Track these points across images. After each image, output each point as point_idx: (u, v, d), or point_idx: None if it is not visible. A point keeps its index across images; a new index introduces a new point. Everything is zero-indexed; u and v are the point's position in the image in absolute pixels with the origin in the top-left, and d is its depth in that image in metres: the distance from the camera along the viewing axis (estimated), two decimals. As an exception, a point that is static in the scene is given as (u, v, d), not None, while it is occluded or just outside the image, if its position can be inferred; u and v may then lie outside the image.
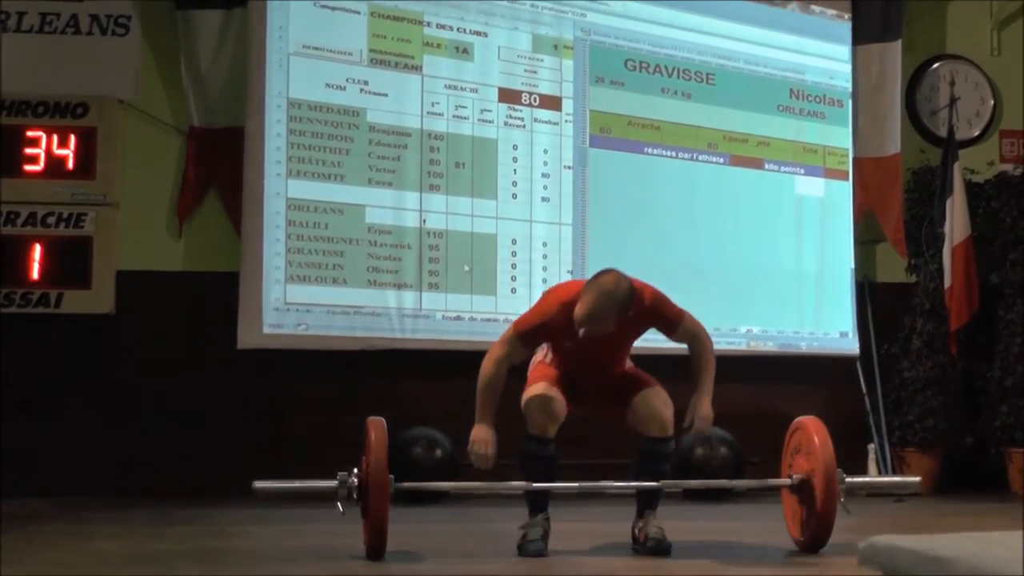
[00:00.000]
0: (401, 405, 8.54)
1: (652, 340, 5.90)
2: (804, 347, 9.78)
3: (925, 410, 9.55)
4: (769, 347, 9.68)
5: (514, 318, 8.74)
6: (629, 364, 5.96)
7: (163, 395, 8.56)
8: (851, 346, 9.86)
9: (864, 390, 9.69)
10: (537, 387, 5.66)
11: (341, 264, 8.67)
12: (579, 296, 5.48)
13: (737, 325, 9.58)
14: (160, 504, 7.65)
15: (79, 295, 8.56)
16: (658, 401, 5.71)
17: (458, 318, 8.91)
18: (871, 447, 9.48)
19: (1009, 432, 9.49)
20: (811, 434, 5.71)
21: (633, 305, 5.49)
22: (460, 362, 8.70)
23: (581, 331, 5.42)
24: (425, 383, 8.81)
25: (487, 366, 5.63)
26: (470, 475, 6.17)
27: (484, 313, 8.96)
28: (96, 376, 8.50)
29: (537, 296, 8.88)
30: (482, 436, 5.56)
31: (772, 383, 9.45)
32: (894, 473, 9.46)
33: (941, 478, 9.43)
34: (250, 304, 8.44)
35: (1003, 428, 9.53)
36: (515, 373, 5.76)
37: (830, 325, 9.87)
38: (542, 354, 5.89)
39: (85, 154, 8.66)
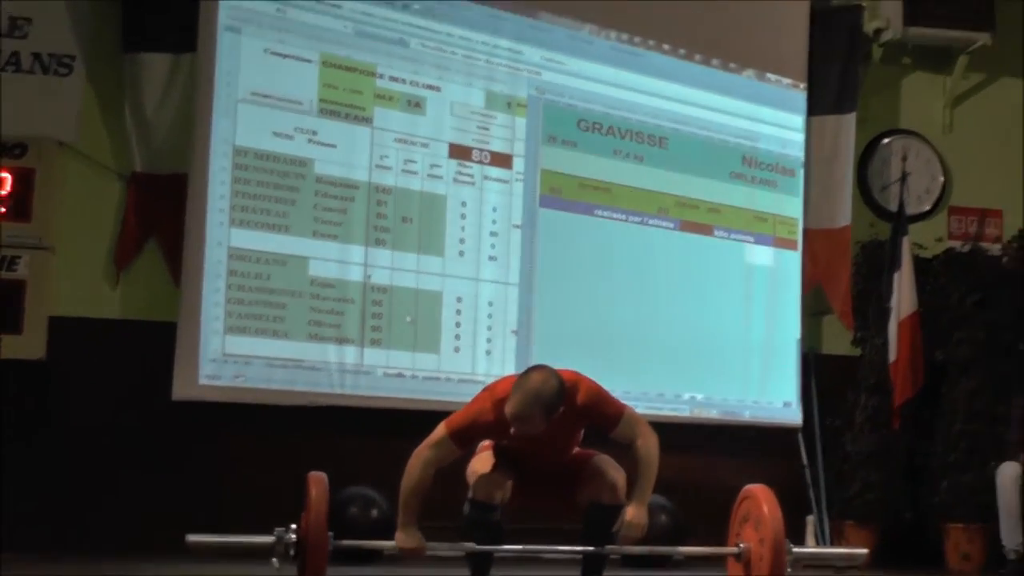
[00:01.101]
0: (338, 462, 8.26)
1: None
2: (747, 416, 9.70)
3: (866, 484, 9.50)
4: (712, 415, 9.59)
5: (456, 378, 8.85)
6: (576, 450, 5.76)
7: (95, 445, 8.32)
8: (794, 417, 9.80)
9: (804, 461, 9.61)
10: (485, 455, 5.49)
11: (282, 316, 8.49)
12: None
13: (681, 391, 9.50)
14: (90, 560, 7.42)
15: (10, 340, 8.27)
16: (609, 467, 5.57)
17: (399, 375, 8.76)
18: (809, 518, 9.39)
19: (948, 508, 9.46)
20: (760, 503, 5.63)
21: (565, 403, 5.31)
22: (399, 421, 8.64)
23: (512, 429, 5.24)
24: (363, 441, 8.63)
25: (414, 470, 5.39)
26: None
27: (426, 371, 8.82)
28: (25, 424, 8.26)
29: (481, 355, 8.91)
30: (412, 545, 5.39)
31: (713, 451, 9.37)
32: (832, 546, 9.39)
33: (879, 552, 9.34)
34: (187, 354, 8.25)
35: (942, 504, 9.49)
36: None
37: (774, 395, 9.80)
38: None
39: (22, 195, 8.42)
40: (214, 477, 8.49)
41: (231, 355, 8.34)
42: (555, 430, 5.33)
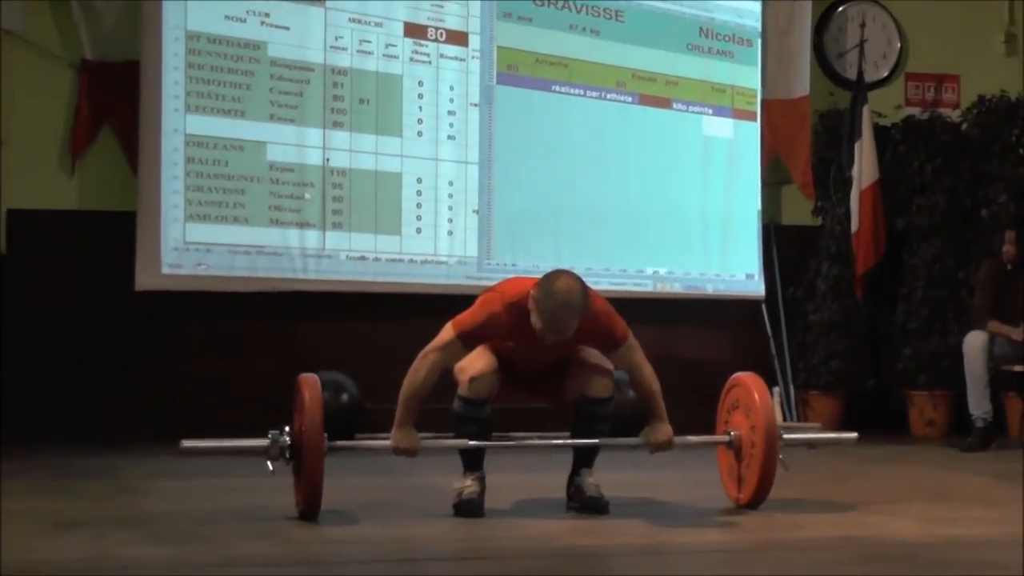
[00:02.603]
0: (304, 347, 8.41)
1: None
2: (710, 289, 9.71)
3: (830, 353, 9.59)
4: (675, 289, 9.59)
5: (419, 259, 8.81)
6: None
7: (57, 338, 8.27)
8: (757, 288, 9.81)
9: (769, 333, 9.64)
10: (476, 353, 5.42)
11: (242, 202, 8.45)
12: (526, 295, 5.23)
13: (643, 266, 9.47)
14: (60, 453, 7.40)
15: (-33, 235, 8.20)
16: (598, 361, 5.52)
17: (363, 258, 8.73)
18: (776, 390, 9.42)
19: (911, 375, 9.57)
20: (751, 391, 5.61)
21: (584, 309, 5.27)
22: (364, 304, 8.65)
23: (549, 342, 5.22)
24: (329, 325, 8.70)
25: (420, 372, 5.23)
26: (379, 423, 6.00)
27: (389, 253, 8.80)
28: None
29: (443, 235, 8.86)
30: (407, 444, 5.27)
31: (678, 325, 9.40)
32: (798, 416, 9.48)
33: (844, 420, 9.44)
34: (148, 244, 8.21)
35: (905, 371, 9.60)
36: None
37: (736, 267, 9.79)
38: None
39: (-31, 87, 8.28)
40: (179, 366, 8.48)
41: (192, 243, 8.31)
42: (561, 344, 5.30)
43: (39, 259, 8.36)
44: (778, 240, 9.90)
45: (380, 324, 8.75)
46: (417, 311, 8.45)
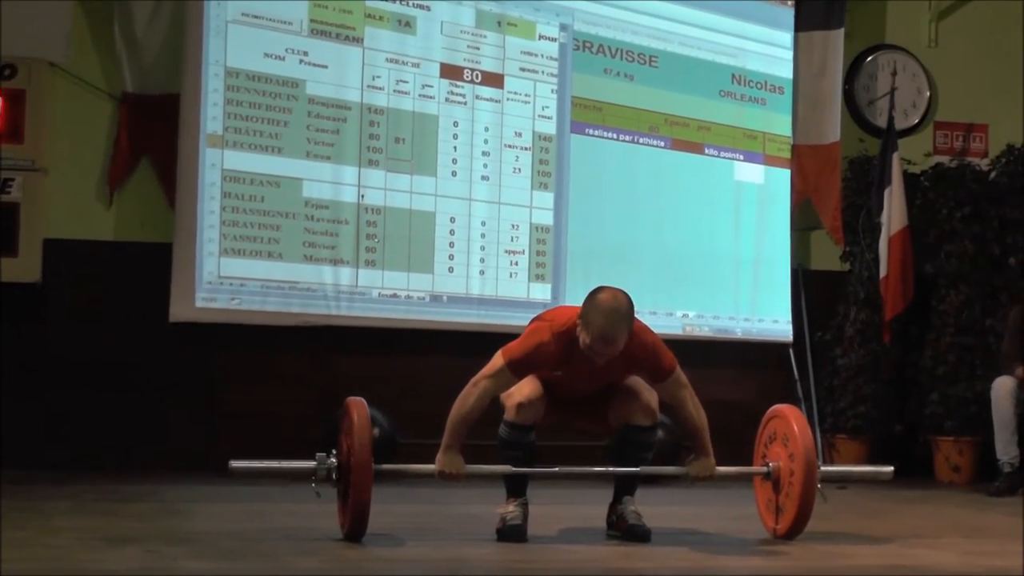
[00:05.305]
0: (334, 383, 8.40)
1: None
2: (739, 333, 9.75)
3: (857, 397, 9.62)
4: (704, 332, 9.64)
5: (451, 297, 8.86)
6: None
7: (91, 367, 8.33)
8: (785, 332, 9.84)
9: (796, 376, 9.67)
10: (523, 380, 5.48)
11: (277, 238, 8.51)
12: (574, 324, 5.31)
13: (673, 309, 9.52)
14: (97, 478, 7.45)
15: (6, 263, 8.19)
16: (642, 389, 5.59)
17: (394, 296, 8.77)
18: (803, 433, 9.45)
19: (937, 421, 9.57)
20: (791, 423, 5.68)
21: (632, 328, 5.33)
22: (396, 340, 8.70)
23: (599, 359, 5.28)
24: (359, 361, 8.71)
25: (469, 399, 5.33)
26: (410, 457, 6.05)
27: (421, 291, 8.84)
28: (22, 347, 8.23)
29: (475, 274, 8.92)
30: (453, 469, 5.35)
31: (706, 368, 9.29)
32: (825, 460, 9.49)
33: (870, 464, 9.42)
34: (183, 277, 8.29)
35: (932, 417, 9.61)
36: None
37: (765, 311, 9.85)
38: None
39: (13, 117, 8.31)
40: (210, 398, 8.56)
41: (227, 277, 8.39)
42: (605, 368, 5.36)
43: (75, 288, 8.42)
44: (807, 285, 9.93)
45: (411, 360, 8.82)
46: (448, 349, 8.53)
